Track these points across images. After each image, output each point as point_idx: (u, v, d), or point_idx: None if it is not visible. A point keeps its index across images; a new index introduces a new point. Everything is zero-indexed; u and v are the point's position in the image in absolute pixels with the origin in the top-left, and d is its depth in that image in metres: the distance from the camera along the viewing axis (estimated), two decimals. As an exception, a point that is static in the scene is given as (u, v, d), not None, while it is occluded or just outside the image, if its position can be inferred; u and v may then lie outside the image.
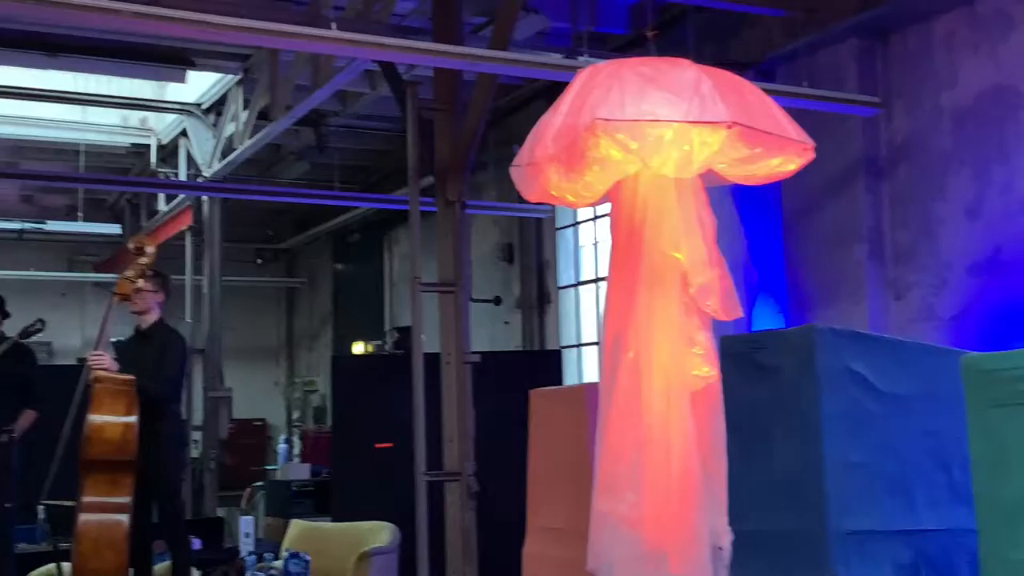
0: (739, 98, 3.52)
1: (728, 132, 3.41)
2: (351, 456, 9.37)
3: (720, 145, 3.46)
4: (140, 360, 5.70)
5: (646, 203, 3.59)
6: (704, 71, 3.54)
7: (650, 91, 3.45)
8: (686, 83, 3.46)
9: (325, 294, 16.01)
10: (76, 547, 5.32)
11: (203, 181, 11.33)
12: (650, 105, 3.42)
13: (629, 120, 3.39)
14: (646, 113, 3.41)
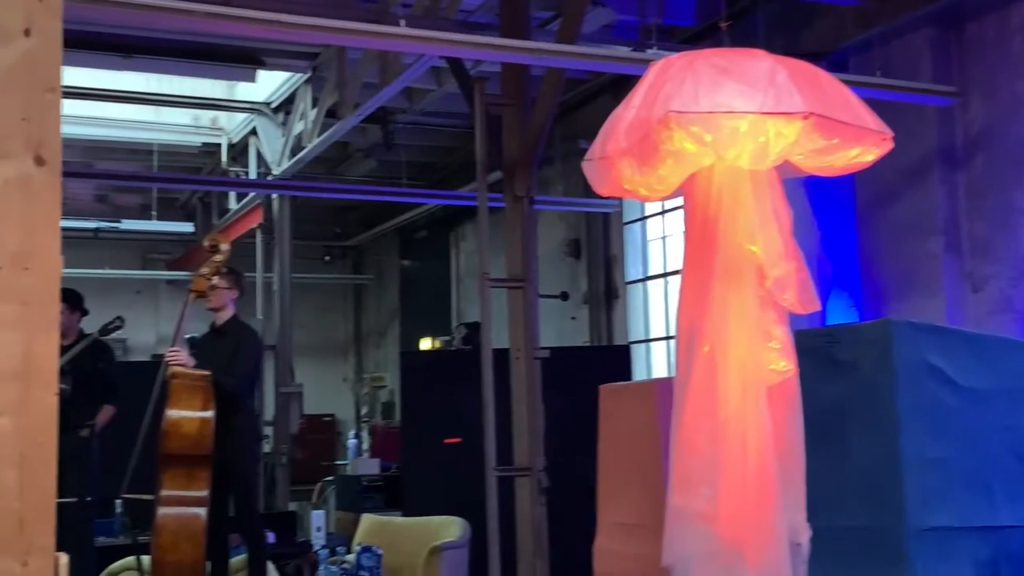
0: (816, 88, 3.48)
1: (804, 123, 3.37)
2: (420, 451, 9.42)
3: (796, 136, 3.42)
4: (215, 356, 5.77)
5: (721, 196, 3.55)
6: (779, 61, 3.50)
7: (724, 82, 3.42)
8: (761, 74, 3.42)
9: (392, 290, 16.11)
10: (155, 540, 5.41)
11: (272, 179, 11.46)
12: (725, 97, 3.39)
13: (703, 112, 3.37)
14: (720, 105, 3.38)
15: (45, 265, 3.53)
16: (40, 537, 3.29)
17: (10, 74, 3.48)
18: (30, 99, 3.48)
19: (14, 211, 3.48)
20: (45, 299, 3.49)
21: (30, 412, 3.33)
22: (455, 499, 8.38)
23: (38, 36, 3.48)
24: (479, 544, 7.67)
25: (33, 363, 3.37)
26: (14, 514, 3.26)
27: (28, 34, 3.47)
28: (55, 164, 3.59)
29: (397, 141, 11.83)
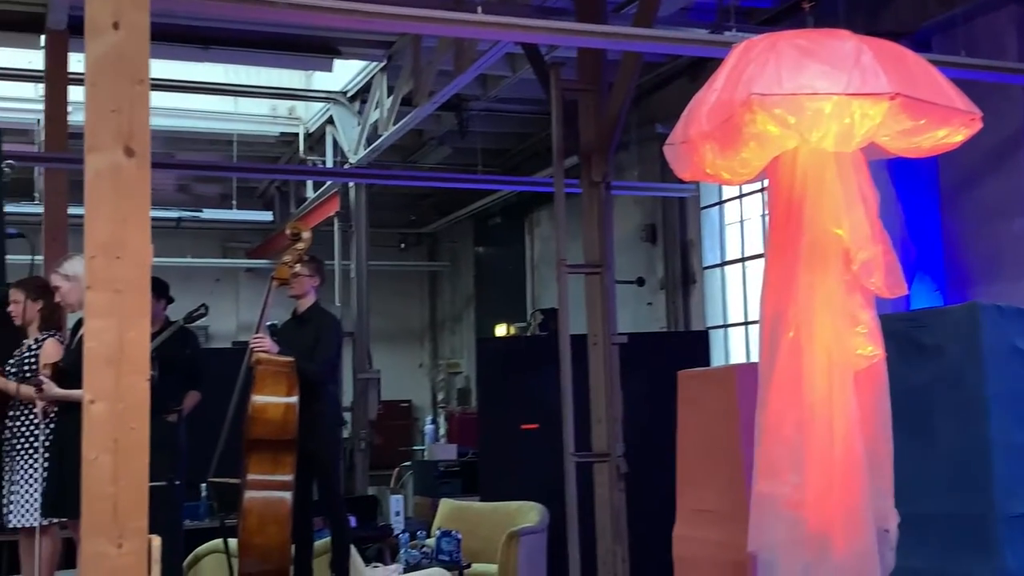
0: (901, 68, 3.42)
1: (891, 104, 3.31)
2: (497, 437, 9.46)
3: (882, 117, 3.36)
4: (298, 343, 5.84)
5: (805, 178, 3.51)
6: (864, 41, 3.45)
7: (808, 64, 3.37)
8: (845, 54, 3.37)
9: (467, 277, 16.17)
10: (243, 522, 5.50)
11: (349, 168, 11.56)
12: (808, 78, 3.35)
13: (787, 94, 3.33)
14: (804, 87, 3.34)
15: (136, 254, 3.60)
16: (134, 520, 3.37)
17: (99, 67, 3.56)
18: (119, 91, 3.56)
19: (105, 202, 3.56)
20: (136, 287, 3.57)
21: (123, 398, 3.41)
22: (532, 485, 8.41)
23: (126, 29, 3.56)
24: (557, 529, 7.69)
25: (125, 350, 3.45)
26: (109, 498, 3.34)
27: (117, 27, 3.54)
28: (144, 155, 3.66)
29: (471, 128, 11.85)
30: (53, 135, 8.88)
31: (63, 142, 8.84)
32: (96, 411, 3.37)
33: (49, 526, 5.34)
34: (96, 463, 3.35)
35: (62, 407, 4.97)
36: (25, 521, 5.28)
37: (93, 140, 3.54)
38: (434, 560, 7.41)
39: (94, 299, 3.49)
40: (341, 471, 6.65)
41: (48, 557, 5.41)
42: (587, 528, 6.64)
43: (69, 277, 5.06)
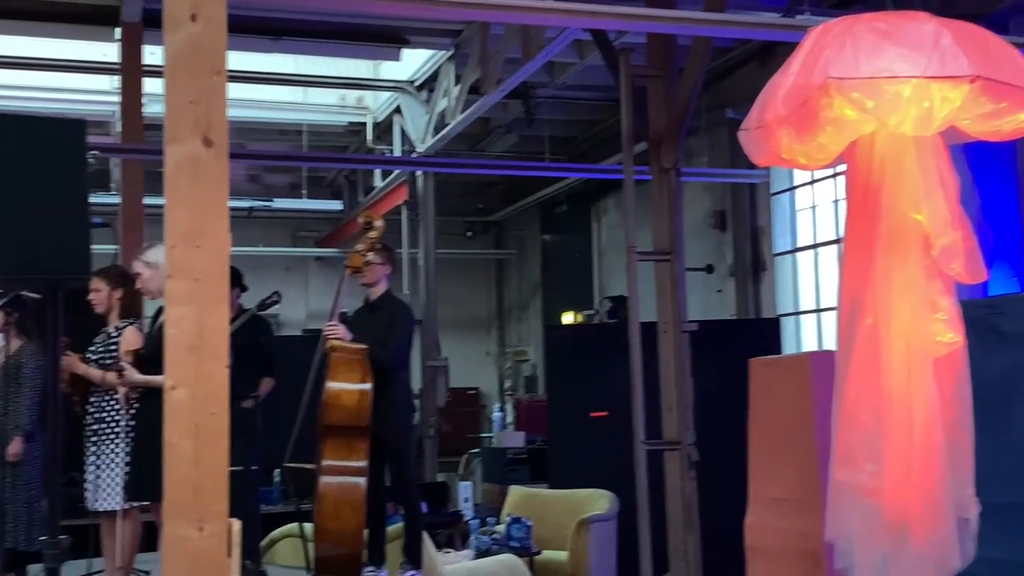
0: (982, 51, 3.36)
1: (971, 87, 3.26)
2: (566, 425, 9.47)
3: (962, 101, 3.31)
4: (370, 330, 5.88)
5: (883, 163, 3.46)
6: (943, 24, 3.39)
7: (886, 47, 3.33)
8: (924, 37, 3.32)
9: (534, 265, 16.18)
10: (318, 507, 5.57)
11: (417, 156, 11.62)
12: (886, 61, 3.30)
13: (865, 78, 3.28)
14: (882, 70, 3.29)
15: (215, 243, 3.66)
16: (214, 503, 3.43)
17: (178, 59, 3.61)
18: (197, 82, 3.61)
19: (184, 192, 3.62)
20: (215, 276, 3.63)
21: (203, 384, 3.47)
22: (602, 472, 8.42)
23: (204, 21, 3.61)
24: (627, 517, 7.68)
25: (205, 337, 3.51)
26: (190, 481, 3.41)
27: (194, 19, 3.59)
28: (222, 145, 3.72)
29: (538, 115, 11.84)
30: (129, 126, 9.04)
31: (139, 133, 8.99)
32: (177, 397, 3.44)
33: (131, 510, 5.45)
34: (177, 447, 3.42)
35: (143, 393, 5.07)
36: (107, 505, 5.40)
37: (172, 131, 3.60)
38: (504, 547, 7.45)
39: (175, 287, 3.55)
40: (413, 457, 6.70)
41: (130, 540, 5.53)
42: (657, 516, 6.62)
43: (150, 264, 5.15)
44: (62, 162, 3.47)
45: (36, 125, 3.47)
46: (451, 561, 6.75)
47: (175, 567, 3.29)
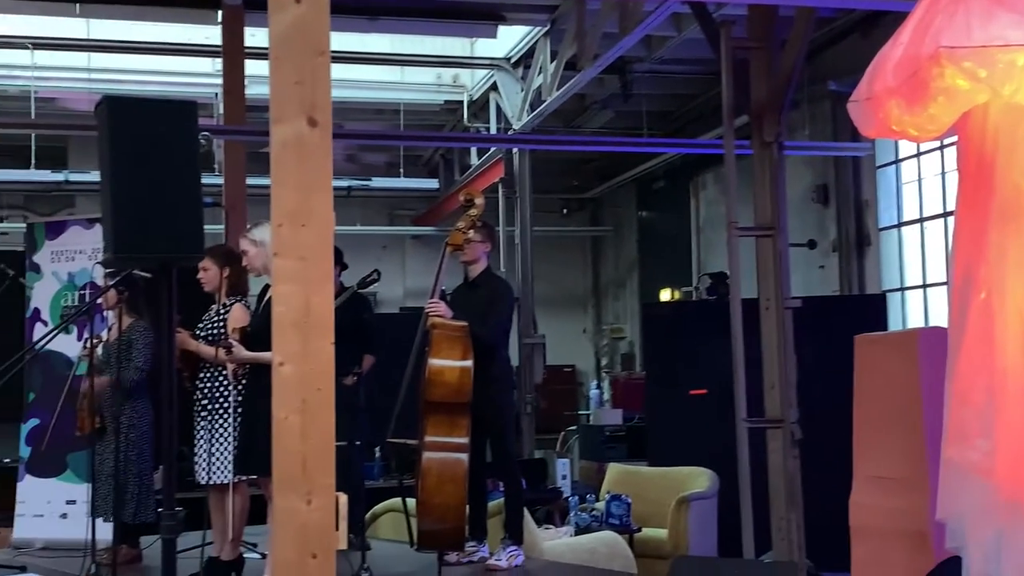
0: (1104, 15, 3.22)
1: (1090, 53, 3.13)
2: (665, 402, 9.44)
3: (1081, 68, 3.18)
4: (470, 308, 5.91)
5: (997, 134, 3.35)
6: (1061, -13, 3.26)
7: (999, 13, 3.21)
8: (1040, 2, 3.20)
9: (630, 242, 16.09)
10: (420, 483, 5.63)
11: (513, 134, 11.63)
12: (999, 28, 3.19)
13: (977, 46, 3.18)
14: (995, 38, 3.18)
15: (319, 222, 3.71)
16: (321, 477, 3.50)
17: (283, 40, 3.66)
18: (302, 63, 3.66)
19: (290, 171, 3.67)
20: (320, 254, 3.68)
21: (310, 360, 3.53)
22: (701, 450, 8.37)
23: (308, 3, 3.64)
24: (728, 496, 7.63)
25: (311, 314, 3.57)
26: (298, 455, 3.47)
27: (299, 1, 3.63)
28: (326, 125, 3.76)
29: (635, 91, 11.75)
30: (231, 108, 9.20)
31: (241, 114, 9.15)
32: (285, 373, 3.51)
33: (240, 483, 5.58)
34: (286, 423, 3.49)
35: (251, 369, 5.17)
36: (216, 478, 5.54)
37: (278, 112, 3.65)
38: (604, 523, 7.46)
39: (281, 265, 3.61)
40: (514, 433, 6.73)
41: (239, 513, 5.66)
42: (759, 494, 6.56)
43: (256, 242, 5.25)
44: (175, 143, 3.55)
45: (149, 107, 3.56)
46: (551, 537, 6.78)
47: (285, 539, 3.36)
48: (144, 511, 6.23)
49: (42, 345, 6.59)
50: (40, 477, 7.54)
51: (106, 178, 3.57)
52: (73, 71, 11.49)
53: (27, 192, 14.41)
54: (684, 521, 7.82)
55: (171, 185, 3.53)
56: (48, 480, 7.51)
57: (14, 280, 6.71)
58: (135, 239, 3.51)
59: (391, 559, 6.02)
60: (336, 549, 3.43)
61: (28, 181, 13.33)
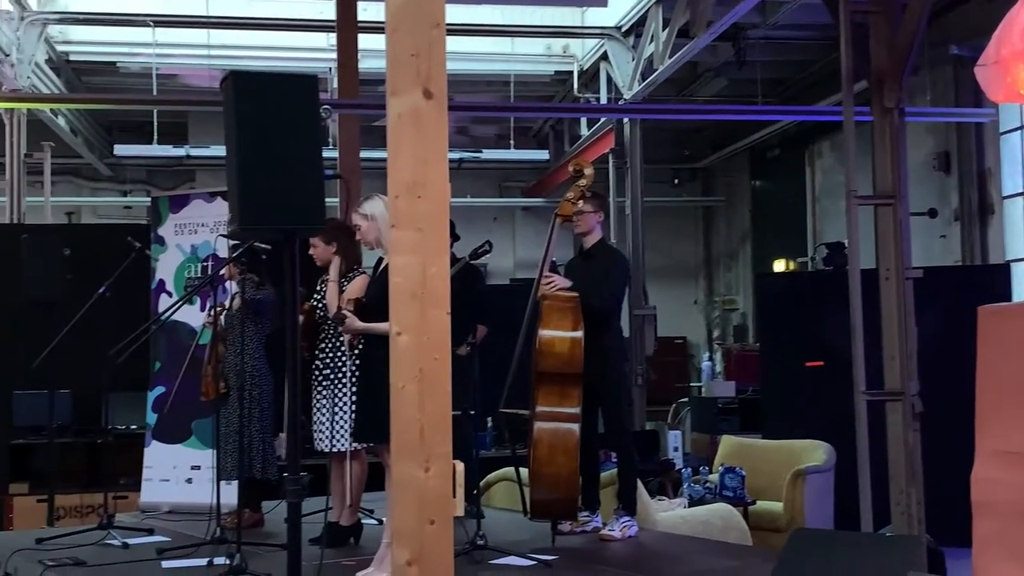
0: None
1: None
2: (780, 374, 9.32)
3: None
4: (584, 279, 5.89)
5: None
6: None
7: None
8: None
9: (743, 212, 15.87)
10: (532, 452, 5.66)
11: (624, 103, 11.54)
12: None
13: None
14: None
15: (435, 193, 3.75)
16: (439, 445, 3.54)
17: (400, 12, 3.69)
18: (418, 35, 3.68)
19: (406, 143, 3.71)
20: (436, 225, 3.72)
21: (426, 330, 3.57)
22: (817, 423, 8.25)
23: (423, -26, 3.67)
24: (844, 469, 7.51)
25: (428, 285, 3.60)
26: (415, 423, 3.52)
27: (415, -27, 3.65)
28: (441, 97, 3.78)
29: (749, 58, 11.54)
30: (345, 82, 9.31)
31: (355, 89, 9.25)
32: (402, 343, 3.55)
33: (359, 451, 5.70)
34: (404, 391, 3.53)
35: (366, 340, 5.25)
36: (338, 446, 5.65)
37: (395, 84, 3.68)
38: (718, 496, 7.41)
39: (399, 237, 3.65)
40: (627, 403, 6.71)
41: (357, 480, 5.78)
42: (878, 468, 6.43)
43: (367, 216, 5.32)
44: (297, 116, 3.62)
45: (272, 81, 3.62)
46: (665, 509, 6.76)
47: (404, 505, 3.42)
48: (269, 468, 6.42)
49: (167, 316, 6.80)
50: (166, 443, 7.81)
51: (231, 151, 3.65)
52: (193, 48, 11.78)
53: (150, 167, 14.85)
54: (800, 494, 7.73)
55: (294, 157, 3.59)
56: (174, 446, 7.77)
57: (140, 252, 6.91)
58: (260, 211, 3.59)
59: (505, 527, 6.08)
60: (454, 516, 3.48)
61: (151, 156, 13.74)
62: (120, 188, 15.06)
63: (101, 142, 14.13)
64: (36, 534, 6.23)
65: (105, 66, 12.50)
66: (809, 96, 12.52)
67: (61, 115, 12.22)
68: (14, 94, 10.42)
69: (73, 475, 8.61)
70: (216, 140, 12.14)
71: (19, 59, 10.49)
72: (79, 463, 8.82)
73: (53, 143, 11.66)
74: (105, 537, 5.97)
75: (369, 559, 5.13)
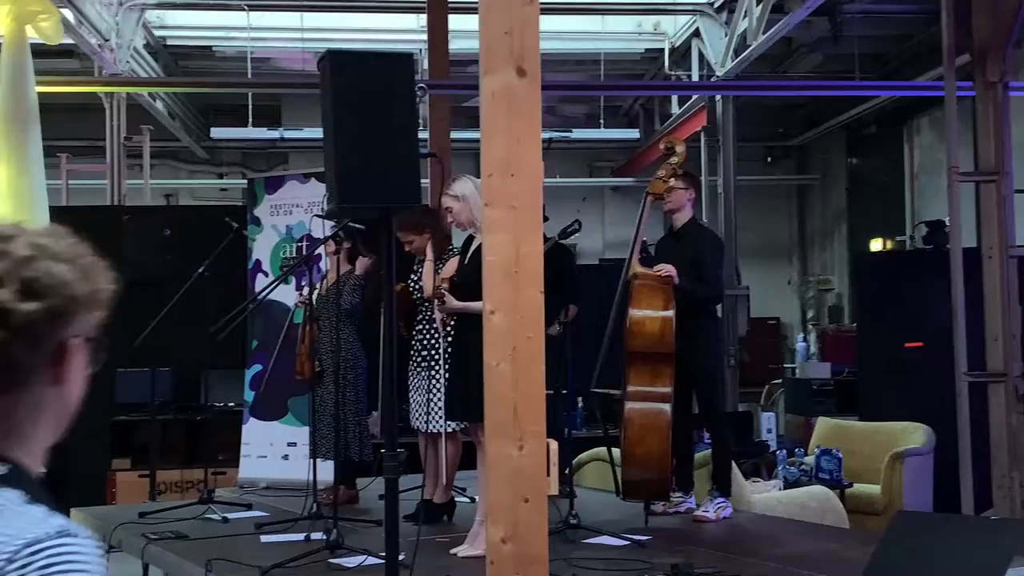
0: None
1: None
2: (877, 355, 9.15)
3: None
4: (675, 258, 5.83)
5: None
6: None
7: None
8: None
9: (838, 190, 15.56)
10: (624, 432, 5.63)
11: (717, 80, 11.38)
12: None
13: None
14: None
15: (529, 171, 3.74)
16: (532, 424, 3.54)
17: (493, -10, 3.68)
18: (511, 13, 3.67)
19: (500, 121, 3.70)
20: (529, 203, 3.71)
21: (520, 308, 3.57)
22: (916, 405, 8.09)
23: (516, -48, 3.65)
24: (944, 451, 7.35)
25: (521, 263, 3.60)
26: (509, 402, 3.53)
27: (507, -50, 3.64)
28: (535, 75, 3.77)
29: (846, 32, 11.27)
30: (436, 63, 9.34)
31: (445, 69, 9.28)
32: (496, 321, 3.55)
33: (454, 431, 5.73)
34: (497, 370, 3.54)
35: (459, 318, 5.27)
36: (434, 426, 5.69)
37: (488, 62, 3.68)
38: (814, 478, 7.30)
39: (492, 215, 3.65)
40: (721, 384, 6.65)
41: (451, 458, 5.82)
42: (979, 451, 6.28)
43: (459, 197, 5.33)
44: (394, 95, 3.63)
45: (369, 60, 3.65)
46: (760, 491, 6.68)
47: (498, 483, 3.43)
48: (365, 449, 6.50)
49: (264, 295, 6.92)
50: (263, 420, 7.95)
51: (329, 129, 3.68)
52: (286, 31, 11.92)
53: (244, 149, 15.09)
54: (898, 477, 7.58)
55: (390, 135, 3.61)
56: (270, 423, 7.91)
57: (238, 233, 7.04)
58: (357, 189, 3.62)
59: (597, 507, 6.07)
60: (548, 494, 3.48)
61: (245, 139, 13.96)
62: (216, 170, 15.34)
63: (198, 125, 14.40)
64: (138, 508, 6.40)
65: (201, 50, 12.73)
66: (909, 71, 12.21)
67: (159, 99, 12.48)
68: (114, 78, 10.67)
69: (173, 451, 8.82)
70: (309, 122, 12.28)
71: (118, 44, 10.72)
72: (179, 439, 9.02)
73: (152, 127, 11.91)
74: (205, 512, 6.11)
75: (462, 536, 5.16)
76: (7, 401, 1.28)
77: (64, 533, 1.20)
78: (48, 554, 1.17)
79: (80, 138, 12.18)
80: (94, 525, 6.15)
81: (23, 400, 1.29)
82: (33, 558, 1.17)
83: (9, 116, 6.97)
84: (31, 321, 1.26)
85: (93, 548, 1.21)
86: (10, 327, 1.25)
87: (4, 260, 1.27)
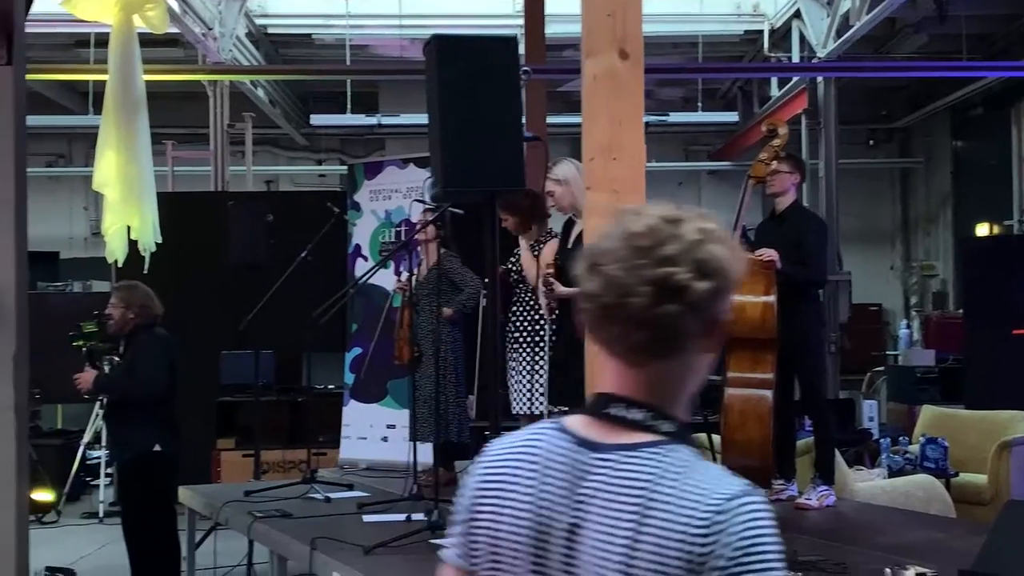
0: None
1: None
2: (984, 342, 8.94)
3: None
4: (778, 242, 5.72)
5: None
6: None
7: None
8: None
9: (943, 174, 15.17)
10: (724, 419, 5.56)
11: (818, 62, 11.18)
12: None
13: None
14: None
15: (631, 155, 3.72)
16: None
17: (595, -27, 3.66)
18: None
19: (602, 104, 3.69)
20: (632, 187, 3.69)
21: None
22: (1023, 393, 7.88)
23: (618, -68, 3.63)
24: (1055, 442, 7.15)
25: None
26: (611, 387, 3.52)
27: (610, -68, 3.62)
28: (638, 57, 3.74)
29: (952, 12, 10.97)
30: (532, 47, 9.31)
31: (542, 53, 9.26)
32: (599, 306, 3.55)
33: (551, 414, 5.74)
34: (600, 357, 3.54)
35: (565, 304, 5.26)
36: (536, 409, 5.71)
37: (590, 45, 3.67)
38: (918, 467, 7.16)
39: (594, 199, 3.65)
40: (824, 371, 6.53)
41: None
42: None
43: (560, 181, 5.32)
44: (498, 78, 3.65)
45: (474, 44, 3.66)
46: (863, 479, 6.56)
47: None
48: (464, 432, 6.56)
49: (364, 280, 7.00)
50: (363, 402, 8.07)
51: (434, 113, 3.70)
52: (384, 18, 12.02)
53: (343, 136, 15.28)
54: (1006, 467, 7.38)
55: (494, 119, 3.62)
56: (370, 405, 8.02)
57: (338, 218, 7.13)
58: (462, 172, 3.64)
59: (696, 493, 6.01)
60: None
61: (344, 125, 14.13)
62: (315, 156, 15.56)
63: (297, 112, 14.62)
64: (244, 487, 6.53)
65: (301, 38, 12.92)
66: (1016, 51, 11.85)
67: (260, 87, 12.69)
68: (217, 66, 10.88)
69: (276, 432, 8.99)
70: (406, 108, 12.37)
71: (221, 33, 10.93)
72: (281, 420, 9.20)
73: (253, 114, 12.13)
74: (308, 491, 6.21)
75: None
76: (673, 365, 1.46)
77: (749, 492, 1.40)
78: (750, 508, 1.38)
79: (185, 125, 12.45)
80: (202, 503, 6.31)
81: (684, 364, 1.47)
82: (741, 509, 1.37)
83: (118, 104, 7.14)
84: (702, 298, 1.42)
85: (768, 505, 1.40)
86: (685, 302, 1.41)
87: (676, 242, 1.44)
